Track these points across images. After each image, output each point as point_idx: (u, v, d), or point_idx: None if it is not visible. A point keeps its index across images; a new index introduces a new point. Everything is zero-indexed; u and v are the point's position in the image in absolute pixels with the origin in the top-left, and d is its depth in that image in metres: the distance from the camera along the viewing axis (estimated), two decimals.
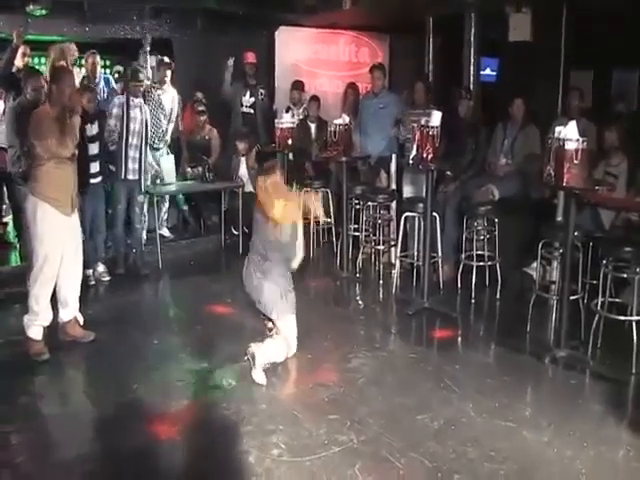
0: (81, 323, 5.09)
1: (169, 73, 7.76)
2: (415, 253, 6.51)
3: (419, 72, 8.59)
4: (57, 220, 4.67)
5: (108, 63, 9.03)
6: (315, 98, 8.44)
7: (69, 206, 4.75)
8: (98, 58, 7.58)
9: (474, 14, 7.66)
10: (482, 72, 8.94)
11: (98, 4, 7.69)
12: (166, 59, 7.83)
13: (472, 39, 7.74)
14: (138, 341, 5.10)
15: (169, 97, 7.74)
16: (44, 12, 7.15)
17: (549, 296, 5.46)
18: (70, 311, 5.01)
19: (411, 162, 5.71)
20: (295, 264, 4.57)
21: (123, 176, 6.51)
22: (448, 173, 6.48)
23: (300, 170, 7.86)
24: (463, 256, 6.27)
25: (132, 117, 6.50)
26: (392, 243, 6.91)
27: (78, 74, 7.18)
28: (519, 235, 6.05)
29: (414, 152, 5.57)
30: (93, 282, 6.42)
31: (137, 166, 6.60)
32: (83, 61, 7.77)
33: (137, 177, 6.63)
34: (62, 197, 4.68)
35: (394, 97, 7.60)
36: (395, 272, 6.41)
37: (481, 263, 6.14)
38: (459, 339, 5.29)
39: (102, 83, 7.67)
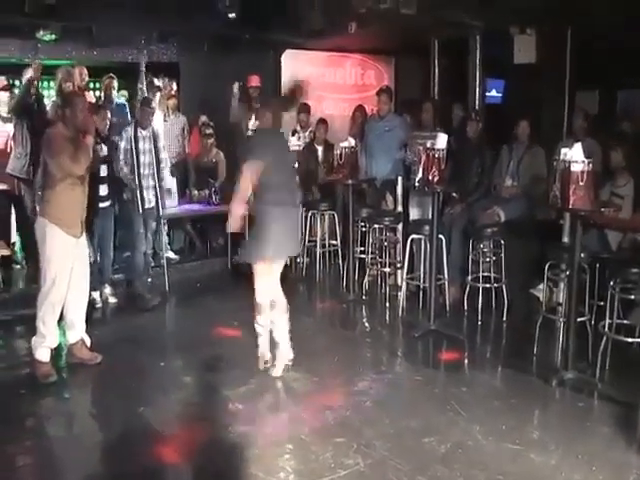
0: (88, 345, 5.12)
1: (158, 96, 7.81)
2: (421, 275, 6.53)
3: (425, 94, 8.65)
4: (66, 242, 4.72)
5: (116, 86, 9.11)
6: (323, 121, 8.50)
7: (78, 228, 4.81)
8: (115, 83, 7.68)
9: (479, 36, 7.73)
10: (488, 94, 8.99)
11: (106, 29, 7.80)
12: (156, 82, 7.88)
13: (477, 61, 7.80)
14: (145, 363, 5.12)
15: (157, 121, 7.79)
16: (54, 37, 7.26)
17: (556, 318, 5.45)
18: (77, 333, 5.05)
19: (417, 185, 5.74)
20: None
21: (141, 208, 6.48)
22: (454, 195, 6.51)
23: (307, 193, 7.90)
24: (469, 278, 6.29)
25: (141, 150, 6.44)
26: (398, 265, 6.93)
27: (89, 98, 7.27)
28: (525, 257, 6.05)
29: (420, 175, 5.60)
30: (100, 304, 6.45)
31: (152, 194, 6.61)
32: (99, 84, 7.89)
33: (152, 205, 6.64)
34: (71, 219, 4.74)
35: (400, 120, 7.67)
36: (401, 294, 6.42)
37: (487, 285, 6.15)
38: (466, 361, 5.29)
39: (114, 106, 7.72)
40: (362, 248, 7.26)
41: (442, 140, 5.51)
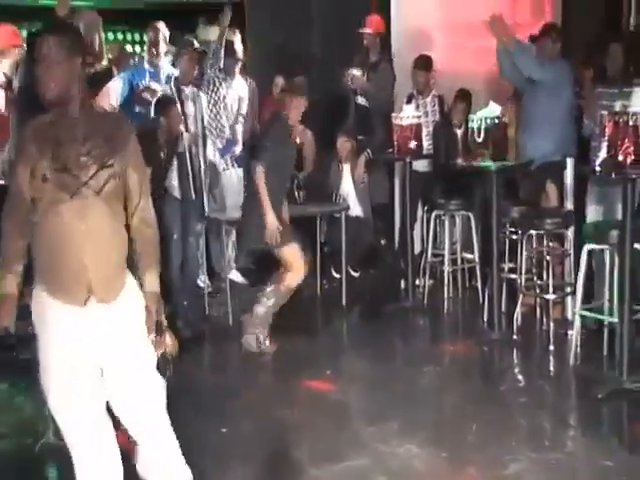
0: None
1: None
2: (606, 304, 6.35)
3: (610, 28, 8.38)
4: (63, 320, 3.31)
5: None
6: (462, 97, 8.27)
7: (83, 288, 3.27)
8: (163, 27, 7.52)
9: None
10: None
11: None
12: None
13: None
14: (199, 429, 5.13)
15: (235, 92, 7.85)
16: None
17: None
18: None
19: (599, 169, 5.60)
20: None
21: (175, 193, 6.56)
22: None
23: (432, 186, 7.87)
24: None
25: (188, 115, 6.53)
26: (568, 290, 6.81)
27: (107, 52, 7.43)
28: None
29: (604, 153, 5.45)
30: None
31: (192, 181, 6.64)
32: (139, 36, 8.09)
33: (193, 195, 6.67)
34: (64, 276, 3.27)
35: (566, 67, 7.41)
36: (574, 333, 6.27)
37: None
38: None
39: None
40: (512, 265, 7.17)
41: None
